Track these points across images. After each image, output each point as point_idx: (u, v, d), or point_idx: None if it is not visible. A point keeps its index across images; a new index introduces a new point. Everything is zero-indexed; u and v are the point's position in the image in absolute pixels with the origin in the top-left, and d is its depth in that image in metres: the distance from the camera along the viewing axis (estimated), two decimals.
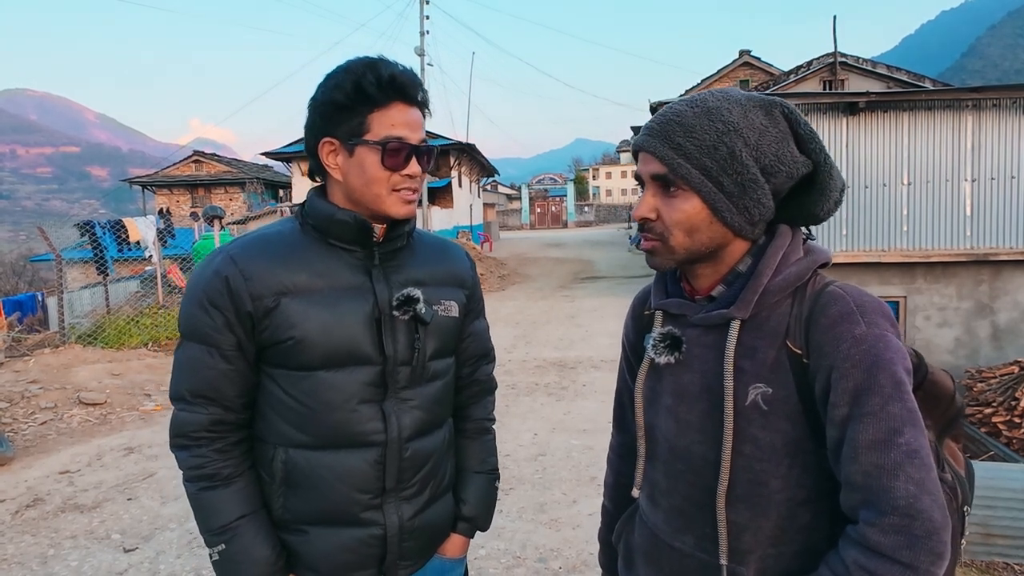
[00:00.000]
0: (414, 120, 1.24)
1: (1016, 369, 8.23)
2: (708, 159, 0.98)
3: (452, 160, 25.77)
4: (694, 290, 1.10)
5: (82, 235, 11.08)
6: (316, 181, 1.33)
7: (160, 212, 15.45)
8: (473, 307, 1.48)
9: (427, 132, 1.34)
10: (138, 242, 11.28)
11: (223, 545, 1.24)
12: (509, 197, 58.06)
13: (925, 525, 0.85)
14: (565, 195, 53.08)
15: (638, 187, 1.09)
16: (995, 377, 8.34)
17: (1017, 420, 7.65)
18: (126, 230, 11.14)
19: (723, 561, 1.03)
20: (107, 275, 10.89)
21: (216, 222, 10.80)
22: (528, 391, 6.73)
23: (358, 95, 1.19)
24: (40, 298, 14.16)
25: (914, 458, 0.88)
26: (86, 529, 3.89)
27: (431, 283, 1.35)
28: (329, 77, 1.23)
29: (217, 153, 34.99)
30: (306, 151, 1.29)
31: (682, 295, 1.12)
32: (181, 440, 1.25)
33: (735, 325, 1.00)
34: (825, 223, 10.08)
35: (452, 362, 1.42)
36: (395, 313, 1.27)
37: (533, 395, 6.58)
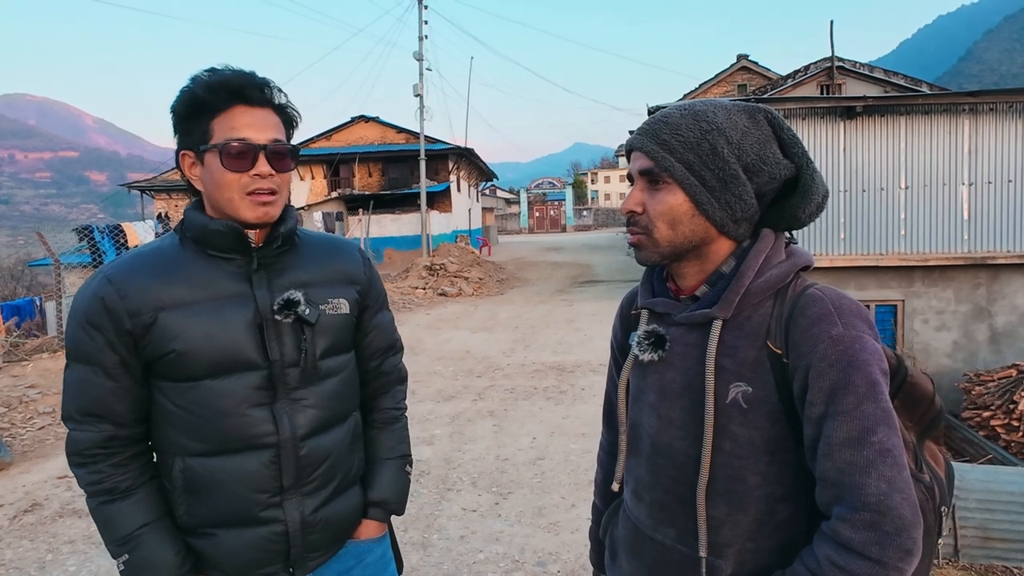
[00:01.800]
0: (260, 121, 1.24)
1: (1014, 372, 8.23)
2: (691, 154, 1.03)
3: (451, 164, 25.80)
4: (679, 290, 1.13)
5: (81, 240, 11.09)
6: (191, 197, 1.34)
7: (159, 216, 15.46)
8: (371, 302, 1.49)
9: (426, 136, 1.34)
10: (137, 246, 11.28)
11: (127, 555, 1.26)
12: (508, 201, 58.09)
13: (895, 522, 0.88)
14: (564, 199, 53.14)
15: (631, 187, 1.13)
16: (993, 380, 8.35)
17: (1015, 423, 7.65)
18: (125, 235, 11.15)
19: (702, 554, 1.05)
20: None
21: None
22: (526, 395, 6.73)
23: (196, 104, 1.22)
24: (38, 303, 14.15)
25: (887, 456, 0.90)
26: (84, 534, 3.88)
27: (318, 283, 1.36)
28: (177, 93, 1.25)
29: None
30: (177, 167, 1.32)
31: (668, 295, 1.15)
32: (76, 458, 1.27)
33: (717, 324, 1.04)
34: (823, 227, 10.10)
35: (349, 358, 1.44)
36: (277, 317, 1.28)
37: (531, 399, 6.58)
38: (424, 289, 15.75)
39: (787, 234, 1.12)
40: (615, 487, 1.23)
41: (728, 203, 1.04)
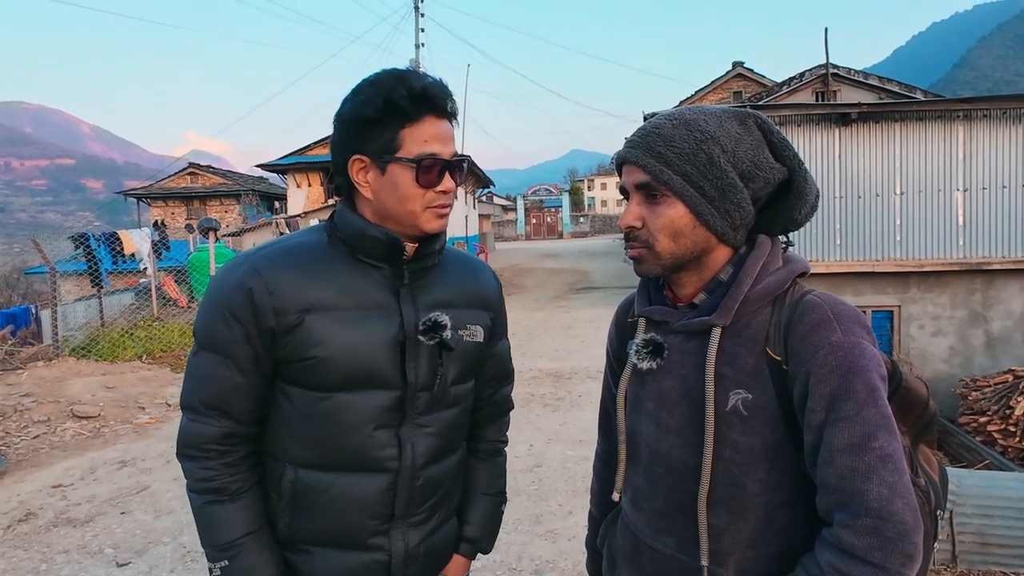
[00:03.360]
0: (445, 133, 1.20)
1: (1010, 378, 8.25)
2: (689, 166, 1.02)
3: None
4: (676, 298, 1.13)
5: (76, 247, 11.06)
6: (337, 196, 1.29)
7: (155, 224, 15.44)
8: (497, 329, 1.45)
9: None
10: (133, 254, 11.26)
11: (226, 561, 1.21)
12: (505, 208, 58.15)
13: (897, 527, 0.88)
14: (560, 206, 53.21)
15: (623, 200, 1.12)
16: (989, 386, 8.37)
17: (1012, 429, 7.66)
18: (121, 242, 11.12)
19: (704, 563, 1.05)
20: (101, 288, 10.86)
21: (211, 234, 10.80)
22: (524, 402, 6.72)
23: (389, 110, 1.15)
24: (34, 311, 14.10)
25: (887, 462, 0.90)
26: (79, 543, 3.86)
27: (458, 305, 1.31)
28: (357, 92, 1.19)
29: (212, 165, 35.01)
30: (334, 169, 1.25)
31: (665, 303, 1.15)
32: (190, 451, 1.21)
33: (716, 332, 1.03)
34: (819, 233, 10.13)
35: (471, 387, 1.39)
36: (420, 338, 1.23)
37: (529, 406, 6.57)
38: None
39: (783, 237, 1.13)
40: (615, 497, 1.21)
41: (727, 212, 1.03)
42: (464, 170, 1.26)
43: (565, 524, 3.93)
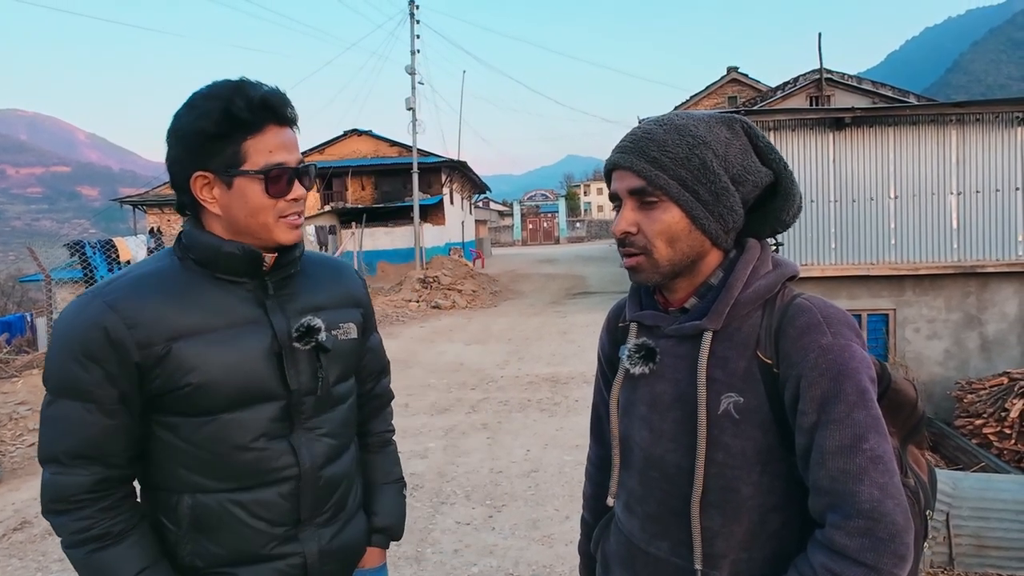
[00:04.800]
0: (289, 141, 1.18)
1: (1005, 380, 8.27)
2: (683, 170, 1.02)
3: (444, 177, 25.85)
4: (667, 302, 1.13)
5: (72, 255, 11.03)
6: (185, 215, 1.24)
7: (151, 231, 15.41)
8: (369, 324, 1.46)
9: (419, 150, 1.31)
10: (128, 261, 11.24)
11: None
12: (501, 214, 58.21)
13: (888, 528, 0.89)
14: (557, 211, 53.29)
15: (614, 208, 1.11)
16: (985, 388, 8.39)
17: (1008, 431, 7.68)
18: (116, 250, 11.10)
19: (697, 566, 1.05)
20: None
21: None
22: (520, 407, 6.72)
23: (229, 122, 1.11)
24: (29, 319, 14.05)
25: (878, 463, 0.91)
26: None
27: (328, 306, 1.31)
28: (192, 106, 1.14)
29: None
30: (174, 187, 1.20)
31: (656, 307, 1.15)
32: (59, 505, 1.14)
33: (707, 336, 1.04)
34: (814, 237, 10.15)
35: (353, 383, 1.41)
36: (296, 344, 1.22)
37: (525, 411, 6.57)
38: (417, 302, 15.74)
39: (772, 240, 1.14)
40: (610, 502, 1.22)
41: (721, 215, 1.04)
42: (312, 175, 1.24)
43: (562, 529, 3.93)
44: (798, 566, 0.95)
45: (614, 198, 1.09)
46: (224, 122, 1.11)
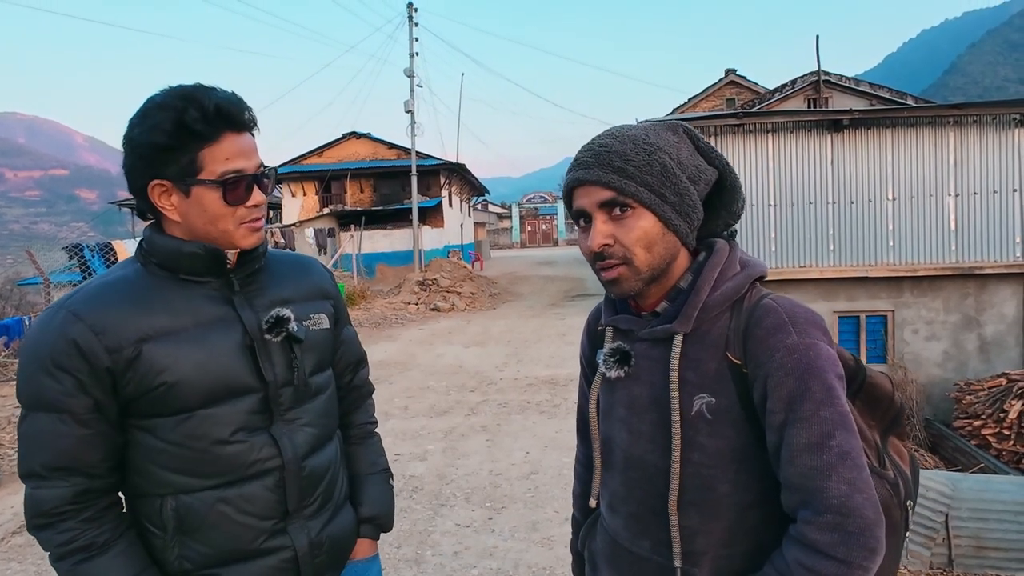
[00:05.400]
0: (247, 147, 1.18)
1: (1004, 381, 8.29)
2: (648, 176, 1.05)
3: (442, 180, 25.87)
4: (640, 307, 1.16)
5: (71, 258, 11.03)
6: (146, 219, 1.26)
7: None
8: (340, 316, 1.47)
9: (418, 152, 1.31)
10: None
11: None
12: (499, 216, 58.23)
13: (858, 522, 0.91)
14: (555, 213, 53.31)
15: (579, 228, 1.10)
16: (983, 390, 8.40)
17: (1006, 432, 7.69)
18: (115, 253, 11.10)
19: (677, 564, 1.08)
20: None
21: None
22: (520, 409, 6.72)
23: (183, 132, 1.11)
24: (27, 322, 14.03)
25: (846, 459, 0.94)
26: None
27: (297, 299, 1.33)
28: (145, 115, 1.13)
29: None
30: (132, 193, 1.20)
31: (629, 311, 1.18)
32: (41, 520, 1.14)
33: (678, 339, 1.06)
34: (813, 239, 10.16)
35: (331, 374, 1.42)
36: (267, 336, 1.23)
37: (525, 413, 6.57)
38: (416, 304, 15.74)
39: (727, 232, 1.17)
40: (592, 503, 1.25)
41: (687, 214, 1.08)
42: (272, 180, 1.25)
43: (562, 531, 3.92)
44: (774, 562, 0.98)
45: (580, 216, 1.10)
46: (178, 133, 1.11)
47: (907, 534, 1.12)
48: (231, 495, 1.20)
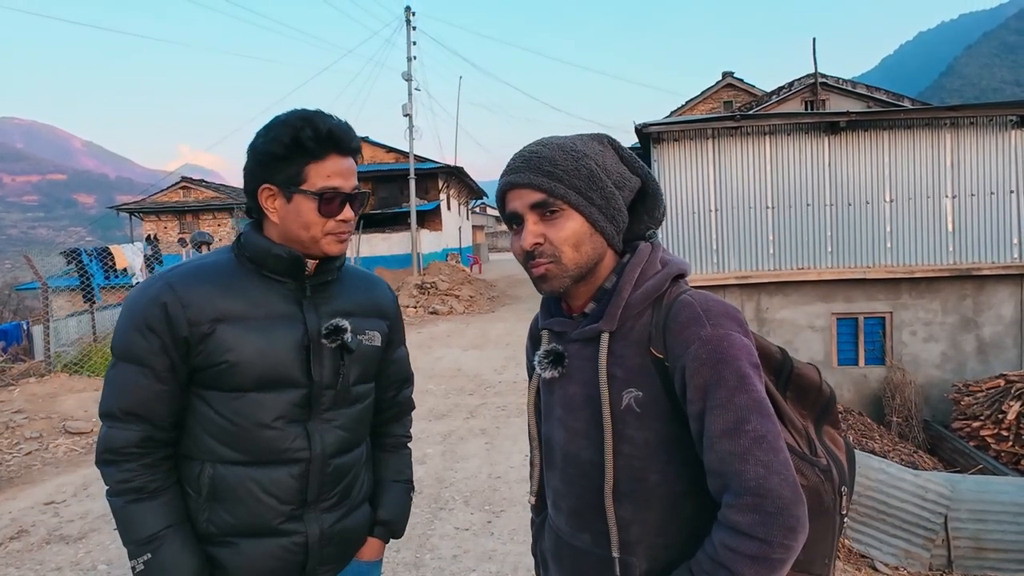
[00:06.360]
0: (347, 169, 1.34)
1: (1002, 382, 8.30)
2: (576, 180, 1.11)
3: (440, 183, 25.87)
4: (571, 308, 1.21)
5: (68, 263, 11.02)
6: (251, 217, 1.42)
7: (148, 239, 15.38)
8: (395, 336, 1.61)
9: (416, 156, 1.40)
10: (125, 269, 11.23)
11: (149, 555, 1.28)
12: (498, 219, 58.19)
13: (776, 502, 0.94)
14: None
15: (512, 231, 1.17)
16: (982, 391, 8.41)
17: (1005, 433, 7.70)
18: (113, 257, 11.09)
19: (615, 554, 1.12)
20: (94, 303, 10.82)
21: (204, 248, 10.78)
22: (518, 412, 6.72)
23: (296, 148, 1.28)
24: (25, 327, 14.02)
25: (761, 443, 0.97)
26: (72, 560, 3.83)
27: (357, 314, 1.46)
28: (269, 128, 1.31)
29: (205, 179, 34.88)
30: (245, 193, 1.38)
31: (562, 314, 1.24)
32: (109, 456, 1.30)
33: (605, 337, 1.12)
34: (811, 241, 10.15)
35: (372, 387, 1.54)
36: (324, 341, 1.37)
37: (523, 416, 6.57)
38: (415, 307, 15.73)
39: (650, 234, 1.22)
40: (531, 499, 1.32)
41: (613, 217, 1.14)
42: (365, 201, 1.42)
43: None
44: (704, 546, 1.01)
45: (512, 219, 1.15)
46: (292, 147, 1.28)
47: (844, 519, 1.16)
48: (260, 475, 1.33)
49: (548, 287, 1.15)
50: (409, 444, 1.72)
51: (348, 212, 1.35)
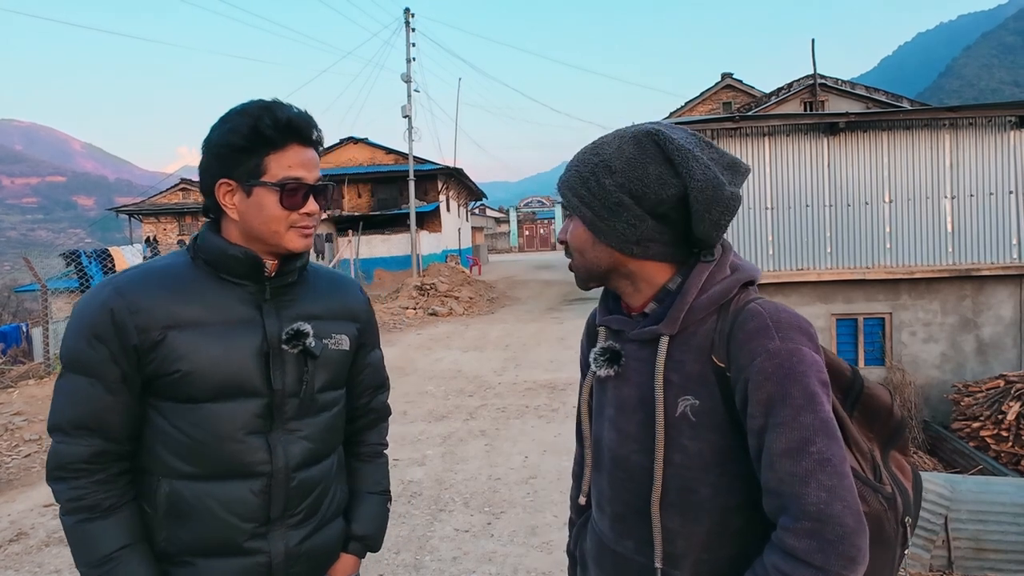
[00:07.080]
0: (309, 160, 1.27)
1: (1002, 383, 8.30)
2: (583, 189, 1.11)
3: (440, 184, 25.87)
4: (630, 307, 1.17)
5: (68, 265, 11.02)
6: (208, 217, 1.34)
7: (147, 240, 15.38)
8: (367, 340, 1.51)
9: (415, 157, 1.36)
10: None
11: None
12: (497, 220, 58.25)
13: (836, 530, 0.89)
14: (553, 217, 53.34)
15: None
16: (982, 391, 8.41)
17: (1005, 434, 7.70)
18: (112, 259, 11.09)
19: (658, 565, 1.08)
20: None
21: None
22: (518, 414, 6.72)
23: (255, 138, 1.22)
24: (25, 329, 14.02)
25: (826, 466, 0.92)
26: (70, 563, 3.82)
27: (324, 317, 1.38)
28: (226, 120, 1.25)
29: None
30: (201, 191, 1.31)
31: (621, 311, 1.20)
32: (59, 472, 1.22)
33: (664, 340, 1.07)
34: (809, 242, 10.15)
35: (342, 393, 1.45)
36: (284, 347, 1.29)
37: (523, 418, 6.56)
38: (415, 309, 15.73)
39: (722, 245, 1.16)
40: (582, 500, 1.27)
41: (619, 228, 1.08)
42: (329, 194, 1.33)
43: (561, 535, 3.92)
44: (754, 567, 0.97)
45: None
46: (250, 137, 1.22)
47: (905, 552, 1.09)
48: (218, 491, 1.25)
49: (577, 281, 1.18)
50: (386, 452, 1.62)
51: (312, 205, 1.28)
